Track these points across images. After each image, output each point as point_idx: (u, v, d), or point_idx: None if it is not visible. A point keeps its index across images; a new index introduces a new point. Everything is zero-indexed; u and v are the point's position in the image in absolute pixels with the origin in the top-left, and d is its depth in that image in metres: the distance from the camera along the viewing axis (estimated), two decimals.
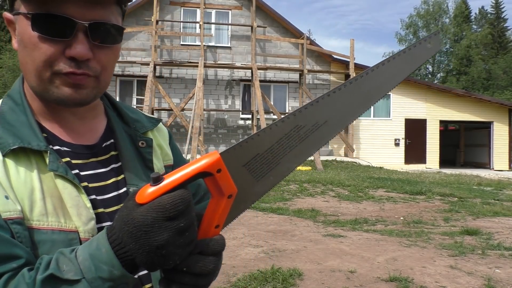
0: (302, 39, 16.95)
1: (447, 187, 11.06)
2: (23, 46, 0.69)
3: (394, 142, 18.51)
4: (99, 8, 0.67)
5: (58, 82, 0.68)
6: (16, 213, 0.64)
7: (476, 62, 43.11)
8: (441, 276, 4.30)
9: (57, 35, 0.66)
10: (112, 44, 0.71)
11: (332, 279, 4.14)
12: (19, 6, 0.68)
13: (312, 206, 8.01)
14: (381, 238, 5.86)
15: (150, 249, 0.55)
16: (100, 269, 0.57)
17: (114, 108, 0.87)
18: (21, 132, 0.69)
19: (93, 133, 0.80)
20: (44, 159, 0.69)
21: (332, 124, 0.71)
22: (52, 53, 0.66)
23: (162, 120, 0.94)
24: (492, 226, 6.87)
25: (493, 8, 49.14)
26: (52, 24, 0.65)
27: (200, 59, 15.41)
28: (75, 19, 0.65)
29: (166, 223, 0.55)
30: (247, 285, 3.87)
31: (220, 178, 0.60)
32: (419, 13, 44.86)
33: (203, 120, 15.50)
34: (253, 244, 5.29)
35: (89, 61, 0.68)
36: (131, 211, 0.56)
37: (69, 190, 0.69)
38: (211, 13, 17.12)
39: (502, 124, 19.52)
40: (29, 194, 0.66)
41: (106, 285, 0.58)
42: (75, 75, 0.68)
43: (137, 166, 0.81)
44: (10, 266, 0.60)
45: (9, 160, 0.67)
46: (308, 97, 16.63)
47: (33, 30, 0.66)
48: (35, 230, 0.66)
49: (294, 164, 0.69)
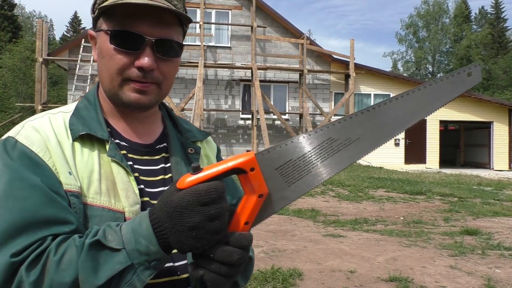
0: (302, 39, 16.94)
1: (447, 187, 11.06)
2: (101, 57, 0.83)
3: (394, 142, 18.50)
4: (165, 28, 0.81)
5: (126, 88, 0.82)
6: (75, 188, 0.76)
7: (476, 62, 43.05)
8: (441, 276, 4.30)
9: (129, 48, 0.80)
10: (173, 58, 0.84)
11: (332, 279, 4.14)
12: (101, 24, 0.83)
13: (312, 206, 8.01)
14: (381, 238, 5.86)
15: (182, 229, 0.63)
16: (139, 243, 0.65)
17: (170, 118, 1.00)
18: (90, 123, 0.83)
19: (149, 135, 0.93)
20: (105, 147, 0.82)
21: (364, 142, 0.71)
22: (125, 62, 0.80)
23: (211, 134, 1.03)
24: (492, 226, 6.87)
25: (493, 8, 49.14)
26: (126, 39, 0.79)
27: (200, 59, 15.41)
28: (144, 35, 0.79)
29: (199, 207, 0.62)
30: (247, 285, 3.87)
31: (253, 176, 0.66)
32: (419, 13, 44.84)
33: (203, 120, 15.50)
34: (253, 244, 5.28)
35: (153, 71, 0.81)
36: (171, 194, 0.65)
37: (121, 175, 0.81)
38: (211, 13, 17.11)
39: (502, 124, 19.51)
40: (88, 174, 0.79)
41: (142, 258, 0.65)
42: (141, 82, 0.81)
43: (184, 168, 0.91)
44: (63, 230, 0.70)
45: (77, 144, 0.81)
46: (308, 97, 16.64)
47: (111, 43, 0.80)
48: (89, 206, 0.77)
49: (324, 176, 0.70)
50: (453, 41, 44.89)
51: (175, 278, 0.83)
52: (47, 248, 0.67)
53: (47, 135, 0.79)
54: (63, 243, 0.67)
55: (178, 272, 0.84)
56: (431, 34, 44.23)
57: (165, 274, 0.81)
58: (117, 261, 0.65)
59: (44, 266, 0.65)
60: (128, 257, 0.65)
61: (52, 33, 51.82)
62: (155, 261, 0.66)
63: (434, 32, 43.80)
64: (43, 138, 0.78)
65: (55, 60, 16.46)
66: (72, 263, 0.65)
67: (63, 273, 0.64)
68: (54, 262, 0.65)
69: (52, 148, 0.77)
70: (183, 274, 0.84)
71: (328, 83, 18.09)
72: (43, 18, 50.04)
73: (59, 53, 16.30)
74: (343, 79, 17.95)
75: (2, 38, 36.40)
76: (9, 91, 28.97)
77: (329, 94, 18.05)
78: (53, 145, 0.78)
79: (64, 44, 19.08)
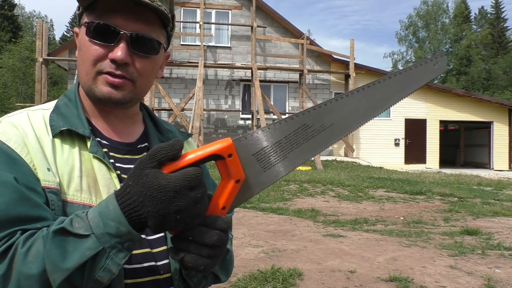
0: (302, 39, 16.94)
1: (447, 187, 11.06)
2: (79, 50, 0.84)
3: (394, 142, 18.51)
4: (142, 23, 0.80)
5: (100, 81, 0.81)
6: (54, 184, 0.75)
7: (476, 62, 43.11)
8: (441, 276, 4.30)
9: (103, 40, 0.79)
10: (148, 54, 0.83)
11: (332, 279, 4.14)
12: (83, 19, 0.83)
13: (312, 206, 8.01)
14: (381, 238, 5.86)
15: (167, 213, 0.62)
16: (108, 225, 0.63)
17: (151, 119, 1.00)
18: (71, 120, 0.82)
19: (130, 134, 0.92)
20: (86, 144, 0.81)
21: (338, 128, 0.75)
22: (98, 54, 0.80)
23: (192, 135, 1.02)
24: (492, 226, 6.87)
25: (493, 8, 49.15)
26: (101, 31, 0.79)
27: (200, 59, 15.41)
28: (119, 28, 0.79)
29: (188, 191, 0.63)
30: (247, 285, 3.87)
31: (230, 162, 0.67)
32: (419, 13, 44.82)
33: (203, 120, 15.50)
34: (253, 244, 5.29)
35: (127, 66, 0.81)
36: (155, 178, 0.62)
37: (103, 172, 0.81)
38: (211, 13, 17.12)
39: (502, 124, 19.51)
40: (69, 171, 0.78)
41: (113, 240, 0.64)
42: (114, 76, 0.80)
43: None
44: (34, 226, 0.68)
45: (57, 140, 0.80)
46: (308, 97, 16.63)
47: (86, 35, 0.80)
48: (69, 204, 0.76)
49: (299, 160, 0.73)
50: (453, 41, 44.86)
51: (158, 277, 0.83)
52: (15, 242, 0.66)
53: (25, 131, 0.77)
54: (31, 237, 0.66)
55: (161, 271, 0.83)
56: (431, 34, 44.22)
57: (147, 273, 0.81)
58: (87, 247, 0.63)
59: (12, 259, 0.64)
60: (98, 242, 0.63)
61: (52, 33, 51.83)
62: (128, 241, 0.64)
63: (434, 32, 43.79)
64: (20, 134, 0.76)
65: (55, 60, 16.47)
66: (39, 255, 0.64)
67: (30, 265, 0.63)
68: (21, 254, 0.64)
69: (30, 144, 0.76)
70: (166, 274, 0.84)
71: (328, 83, 18.09)
72: (43, 18, 50.03)
73: (59, 53, 16.31)
74: (343, 79, 17.95)
75: (2, 38, 36.41)
76: (9, 91, 29.01)
77: (329, 94, 18.05)
78: (31, 141, 0.76)
79: (64, 44, 19.08)
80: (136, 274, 0.80)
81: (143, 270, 0.81)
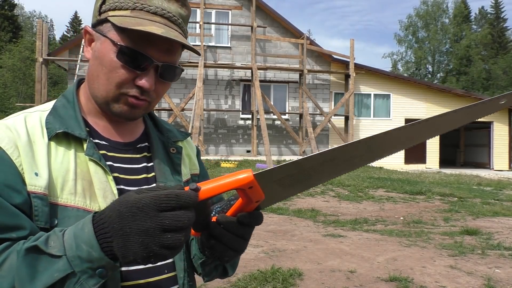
0: (302, 39, 16.94)
1: (447, 187, 11.06)
2: (99, 62, 0.82)
3: None
4: (172, 55, 0.83)
5: (122, 101, 0.82)
6: (40, 189, 0.73)
7: (476, 62, 43.08)
8: (441, 276, 4.30)
9: (134, 67, 0.80)
10: (170, 81, 0.86)
11: (332, 279, 4.14)
12: (108, 31, 0.81)
13: (312, 206, 8.01)
14: (381, 238, 5.86)
15: (130, 232, 0.58)
16: (80, 249, 0.61)
17: (151, 119, 1.00)
18: (68, 122, 0.82)
19: (131, 134, 0.92)
20: (82, 146, 0.81)
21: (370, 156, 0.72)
22: (126, 78, 0.80)
23: (191, 134, 1.02)
24: (492, 226, 6.87)
25: (493, 8, 49.14)
26: (134, 58, 0.79)
27: (200, 59, 15.41)
28: (153, 59, 0.80)
29: (155, 212, 0.58)
30: (247, 285, 3.87)
31: (251, 192, 0.66)
32: (419, 13, 44.80)
33: (203, 120, 15.50)
34: (253, 244, 5.29)
35: (150, 91, 0.83)
36: (130, 195, 0.61)
37: (99, 175, 0.80)
38: (211, 13, 17.11)
39: (502, 124, 19.51)
40: (63, 174, 0.77)
41: (84, 265, 0.61)
42: (137, 99, 0.82)
43: (167, 167, 0.92)
44: (9, 235, 0.67)
45: (52, 143, 0.79)
46: (308, 97, 16.64)
47: (117, 57, 0.79)
48: (62, 207, 0.75)
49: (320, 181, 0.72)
50: (453, 41, 44.84)
51: (161, 277, 0.83)
52: None
53: (19, 134, 0.77)
54: (7, 249, 0.65)
55: (165, 271, 0.83)
56: (430, 34, 44.19)
57: (149, 274, 0.81)
58: (56, 268, 0.61)
59: None
60: (69, 265, 0.60)
61: (52, 33, 51.80)
62: (100, 268, 0.61)
63: (434, 32, 43.76)
64: (13, 136, 0.76)
65: (55, 60, 16.47)
66: (11, 270, 0.62)
67: (1, 280, 0.62)
68: None
69: (22, 147, 0.75)
70: (170, 272, 0.84)
71: (328, 83, 18.09)
72: (43, 18, 50.04)
73: (59, 53, 16.31)
74: (343, 79, 17.95)
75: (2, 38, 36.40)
76: (9, 91, 29.01)
77: (329, 94, 18.05)
78: (23, 144, 0.76)
79: (64, 44, 19.08)
80: (136, 275, 0.79)
81: (144, 271, 0.80)
